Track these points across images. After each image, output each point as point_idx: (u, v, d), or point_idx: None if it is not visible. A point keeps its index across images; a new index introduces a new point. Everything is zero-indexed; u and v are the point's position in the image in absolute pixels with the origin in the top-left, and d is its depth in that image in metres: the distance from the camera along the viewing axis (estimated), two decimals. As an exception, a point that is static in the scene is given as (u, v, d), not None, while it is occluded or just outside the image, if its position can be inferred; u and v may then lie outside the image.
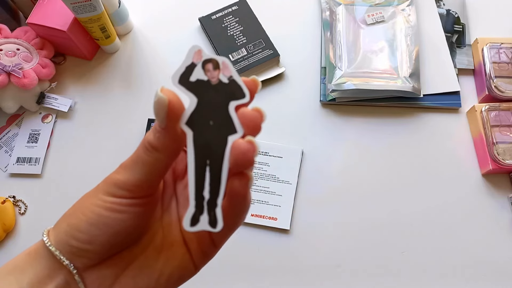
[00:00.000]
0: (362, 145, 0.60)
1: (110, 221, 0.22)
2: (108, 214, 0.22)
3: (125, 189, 0.22)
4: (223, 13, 0.67)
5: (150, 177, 0.22)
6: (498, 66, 0.59)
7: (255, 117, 0.21)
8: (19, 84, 0.58)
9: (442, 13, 0.67)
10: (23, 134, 0.61)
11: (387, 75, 0.60)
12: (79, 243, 0.22)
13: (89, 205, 0.22)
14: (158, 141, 0.21)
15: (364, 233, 0.55)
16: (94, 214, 0.22)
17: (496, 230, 0.55)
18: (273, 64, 0.64)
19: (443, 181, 0.57)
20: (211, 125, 0.21)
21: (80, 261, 0.23)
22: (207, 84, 0.21)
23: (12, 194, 0.58)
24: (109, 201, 0.22)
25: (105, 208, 0.22)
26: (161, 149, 0.22)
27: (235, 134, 0.21)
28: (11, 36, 0.61)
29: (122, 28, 0.67)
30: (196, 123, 0.21)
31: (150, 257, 0.24)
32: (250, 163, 0.20)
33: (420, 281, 0.53)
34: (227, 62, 0.21)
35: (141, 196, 0.23)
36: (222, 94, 0.21)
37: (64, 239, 0.22)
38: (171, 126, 0.21)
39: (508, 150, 0.55)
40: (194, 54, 0.21)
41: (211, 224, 0.21)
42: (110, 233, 0.22)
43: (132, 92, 0.64)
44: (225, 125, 0.21)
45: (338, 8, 0.65)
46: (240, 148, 0.20)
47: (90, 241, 0.22)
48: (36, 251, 0.23)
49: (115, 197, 0.22)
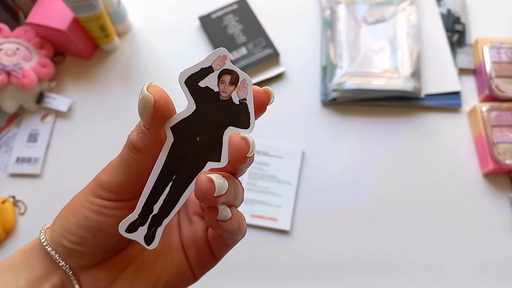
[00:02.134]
0: (363, 145, 0.60)
1: (99, 224, 0.21)
2: (95, 217, 0.21)
3: (109, 190, 0.21)
4: (223, 12, 0.66)
5: (133, 179, 0.21)
6: (498, 66, 0.59)
7: (244, 149, 0.19)
8: (18, 83, 0.58)
9: (443, 13, 0.66)
10: (23, 134, 0.61)
11: (388, 74, 0.60)
12: (70, 244, 0.22)
13: (77, 207, 0.22)
14: (141, 143, 0.20)
15: (365, 233, 0.55)
16: (82, 216, 0.22)
17: (496, 230, 0.55)
18: (273, 63, 0.64)
19: (443, 180, 0.57)
20: (196, 140, 0.19)
21: (75, 262, 0.22)
22: (214, 96, 0.19)
23: (12, 194, 0.58)
24: (96, 203, 0.22)
25: (92, 211, 0.21)
26: (144, 151, 0.20)
27: (217, 162, 0.19)
28: (11, 35, 0.60)
29: (121, 27, 0.66)
30: (182, 132, 0.19)
31: (148, 261, 0.24)
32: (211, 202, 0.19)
33: (420, 281, 0.53)
34: (248, 82, 0.19)
35: (127, 198, 0.22)
36: (225, 114, 0.19)
37: (57, 239, 0.22)
38: (156, 128, 0.19)
39: (509, 150, 0.55)
40: (217, 58, 0.19)
41: (146, 239, 0.20)
42: (100, 235, 0.22)
43: (131, 91, 0.64)
44: (210, 148, 0.19)
45: (339, 7, 0.65)
46: (201, 184, 0.18)
47: (80, 243, 0.22)
48: (32, 249, 0.23)
49: (101, 198, 0.22)
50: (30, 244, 0.24)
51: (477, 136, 0.58)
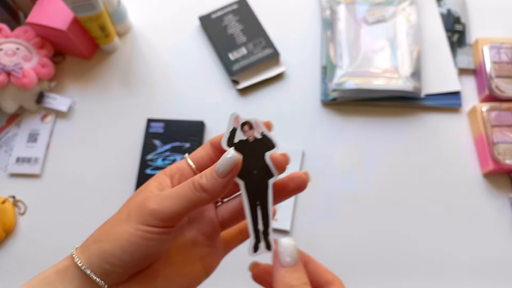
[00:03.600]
0: (363, 144, 0.60)
1: (142, 248, 0.25)
2: (140, 241, 0.25)
3: (159, 219, 0.25)
4: (223, 12, 0.66)
5: (188, 211, 0.26)
6: (498, 66, 0.59)
7: (284, 161, 0.28)
8: (18, 83, 0.58)
9: (443, 13, 0.66)
10: (23, 134, 0.61)
11: (388, 74, 0.60)
12: (112, 267, 0.25)
13: (122, 233, 0.25)
14: (212, 187, 0.25)
15: (365, 233, 0.55)
16: (128, 242, 0.25)
17: (496, 230, 0.55)
18: (273, 63, 0.64)
19: (443, 180, 0.57)
20: (254, 173, 0.27)
21: (111, 280, 0.26)
22: (246, 142, 0.27)
23: (12, 194, 0.58)
24: (142, 230, 0.25)
25: (137, 236, 0.25)
26: (210, 192, 0.25)
27: (273, 177, 0.27)
28: (11, 35, 0.60)
29: (121, 27, 0.66)
30: (244, 174, 0.27)
31: (172, 273, 0.28)
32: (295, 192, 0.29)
33: (420, 280, 0.53)
34: (258, 122, 0.27)
35: (171, 226, 0.26)
36: (258, 148, 0.27)
37: (97, 262, 0.25)
38: (230, 179, 0.26)
39: (509, 150, 0.55)
40: (234, 120, 0.27)
41: (267, 248, 0.27)
42: (139, 257, 0.25)
43: (131, 91, 0.64)
44: (265, 172, 0.27)
45: (339, 7, 0.65)
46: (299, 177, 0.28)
47: (122, 266, 0.25)
48: (66, 270, 0.26)
49: (148, 225, 0.25)
50: (61, 264, 0.26)
51: (477, 136, 0.58)
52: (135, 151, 0.60)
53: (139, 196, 0.27)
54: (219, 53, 0.64)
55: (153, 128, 0.60)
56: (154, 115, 0.61)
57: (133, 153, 0.60)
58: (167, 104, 0.63)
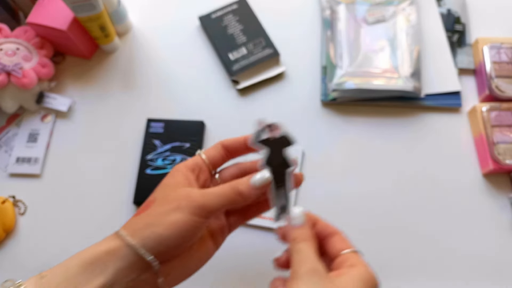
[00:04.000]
0: (363, 145, 0.60)
1: (191, 234, 0.32)
2: (191, 228, 0.31)
3: (207, 211, 0.32)
4: (223, 12, 0.66)
5: (225, 207, 0.33)
6: (498, 66, 0.59)
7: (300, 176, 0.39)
8: (18, 83, 0.58)
9: (443, 13, 0.66)
10: (23, 134, 0.61)
11: (388, 74, 0.60)
12: (166, 248, 0.31)
13: (176, 220, 0.31)
14: (248, 194, 0.33)
15: (365, 233, 0.55)
16: (182, 228, 0.31)
17: (496, 230, 0.55)
18: (273, 63, 0.64)
19: (443, 180, 0.57)
20: (277, 164, 0.34)
21: (161, 259, 0.31)
22: (269, 140, 0.34)
23: (12, 194, 0.58)
24: (193, 219, 0.31)
25: (189, 224, 0.31)
26: (245, 197, 0.33)
27: (290, 167, 0.35)
28: (11, 35, 0.60)
29: (121, 27, 0.66)
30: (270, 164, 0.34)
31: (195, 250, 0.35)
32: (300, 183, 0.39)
33: (420, 280, 0.53)
34: (277, 124, 0.35)
35: (210, 216, 0.33)
36: (279, 144, 0.34)
37: (151, 244, 0.30)
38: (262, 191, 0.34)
39: (509, 150, 0.55)
40: (259, 123, 0.35)
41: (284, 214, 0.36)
42: (188, 240, 0.32)
43: (131, 91, 0.64)
44: (284, 163, 0.35)
45: (339, 7, 0.65)
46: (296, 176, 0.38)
47: (174, 247, 0.32)
48: (116, 250, 0.30)
49: (198, 216, 0.32)
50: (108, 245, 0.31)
51: (477, 136, 0.58)
52: (135, 151, 0.60)
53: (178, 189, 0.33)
54: (219, 53, 0.64)
55: (153, 128, 0.60)
56: (154, 115, 0.61)
57: (133, 153, 0.60)
58: (167, 104, 0.63)
